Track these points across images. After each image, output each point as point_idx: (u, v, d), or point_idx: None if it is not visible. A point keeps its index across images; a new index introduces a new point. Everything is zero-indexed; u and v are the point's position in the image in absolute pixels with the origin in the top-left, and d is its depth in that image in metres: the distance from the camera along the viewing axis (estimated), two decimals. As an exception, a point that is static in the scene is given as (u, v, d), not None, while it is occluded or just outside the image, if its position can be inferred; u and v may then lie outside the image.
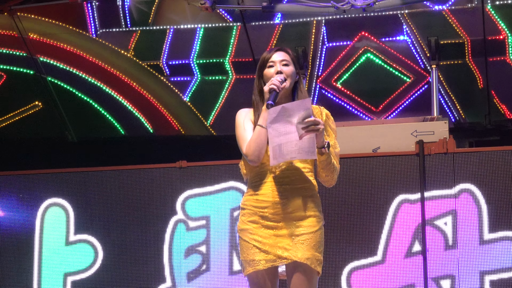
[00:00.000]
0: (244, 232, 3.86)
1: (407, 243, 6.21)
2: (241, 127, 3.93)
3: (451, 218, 6.16)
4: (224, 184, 6.65)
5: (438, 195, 6.22)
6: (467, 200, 6.17)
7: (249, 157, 3.81)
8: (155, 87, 8.38)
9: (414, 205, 6.24)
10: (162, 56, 8.13)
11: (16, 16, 8.05)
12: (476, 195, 6.14)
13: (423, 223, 6.16)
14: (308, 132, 3.66)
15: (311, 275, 3.78)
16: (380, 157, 6.39)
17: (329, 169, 3.85)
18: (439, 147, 6.28)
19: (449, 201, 6.19)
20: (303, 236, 3.77)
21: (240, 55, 8.00)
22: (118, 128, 8.63)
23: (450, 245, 6.13)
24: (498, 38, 7.48)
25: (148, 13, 8.00)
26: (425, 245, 6.12)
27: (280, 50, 3.94)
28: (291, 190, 3.81)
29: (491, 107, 7.79)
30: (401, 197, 6.28)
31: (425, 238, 6.14)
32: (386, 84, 7.88)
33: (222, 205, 6.63)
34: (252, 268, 3.81)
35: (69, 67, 8.39)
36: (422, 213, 6.18)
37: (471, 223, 6.13)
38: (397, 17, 7.55)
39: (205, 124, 8.39)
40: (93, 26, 8.11)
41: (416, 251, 6.18)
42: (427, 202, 6.20)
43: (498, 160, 6.17)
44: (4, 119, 8.72)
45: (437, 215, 6.19)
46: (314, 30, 7.81)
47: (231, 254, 6.54)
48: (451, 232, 6.14)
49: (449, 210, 6.18)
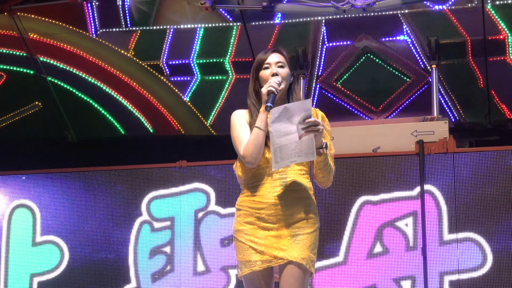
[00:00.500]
0: (239, 233, 3.88)
1: (368, 244, 6.28)
2: (237, 129, 3.93)
3: (412, 220, 6.23)
4: (189, 186, 6.72)
5: (400, 197, 6.30)
6: (428, 201, 6.24)
7: (246, 159, 3.82)
8: (155, 87, 8.38)
9: (376, 206, 6.32)
10: (162, 56, 8.13)
11: (16, 16, 8.05)
12: (437, 196, 6.23)
13: (423, 223, 6.16)
14: (308, 133, 3.68)
15: (304, 275, 3.82)
16: (380, 157, 6.39)
17: (325, 170, 3.88)
18: (439, 147, 6.28)
19: (411, 203, 6.27)
20: (299, 236, 3.80)
21: (240, 55, 8.00)
22: (118, 128, 8.63)
23: (411, 246, 6.20)
24: (498, 38, 7.48)
25: (148, 13, 8.00)
26: (425, 243, 6.12)
27: (275, 52, 3.96)
28: (288, 191, 3.83)
29: (491, 107, 7.79)
30: (363, 199, 6.35)
31: (425, 237, 6.14)
32: (386, 84, 7.87)
33: (186, 207, 6.71)
34: (248, 269, 3.82)
35: (69, 67, 8.39)
36: (422, 213, 6.18)
37: (432, 224, 6.20)
38: (397, 17, 7.55)
39: (205, 124, 8.39)
40: (93, 26, 8.11)
41: (377, 252, 6.25)
42: (388, 203, 6.30)
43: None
44: (4, 119, 8.72)
45: (399, 216, 6.27)
46: (314, 30, 7.80)
47: (196, 255, 6.61)
48: (412, 233, 6.21)
49: (410, 211, 6.26)
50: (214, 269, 6.56)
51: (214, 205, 6.65)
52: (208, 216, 6.65)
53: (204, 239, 6.62)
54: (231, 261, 6.46)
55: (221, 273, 6.54)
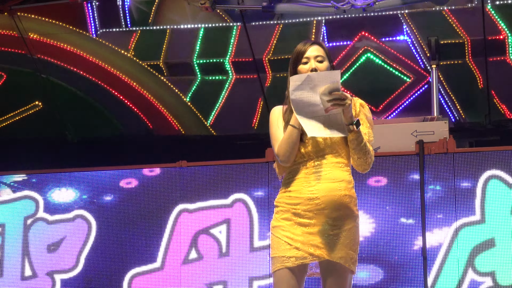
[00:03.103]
0: (276, 229, 3.75)
1: (184, 251, 6.53)
2: (274, 126, 3.80)
3: (225, 227, 6.50)
4: (19, 194, 6.92)
5: (215, 205, 6.57)
6: (241, 209, 6.47)
7: (280, 158, 3.71)
8: (155, 87, 8.38)
9: (192, 214, 6.59)
10: (162, 56, 8.13)
11: (16, 16, 8.04)
12: (249, 204, 6.45)
13: (423, 226, 6.15)
14: (333, 106, 3.53)
15: (345, 274, 3.69)
16: (380, 157, 6.39)
17: (360, 151, 3.69)
18: (439, 147, 6.28)
19: (224, 211, 6.54)
20: (337, 233, 3.67)
21: (240, 55, 8.00)
22: (118, 128, 8.63)
23: (223, 252, 6.45)
24: (498, 38, 7.49)
25: (148, 13, 8.00)
26: (425, 246, 6.13)
27: (314, 44, 3.78)
28: (324, 185, 3.68)
29: (491, 107, 7.79)
30: (180, 207, 6.61)
31: (425, 240, 6.13)
32: (386, 84, 7.88)
33: (16, 214, 6.91)
34: (281, 264, 3.68)
35: (69, 67, 8.39)
36: (422, 216, 6.17)
37: (243, 231, 6.46)
38: (397, 17, 7.55)
39: (205, 124, 8.39)
40: (93, 26, 8.11)
41: (192, 258, 6.51)
42: (203, 211, 6.58)
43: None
44: (4, 119, 8.72)
45: (213, 224, 6.54)
46: (314, 30, 7.80)
47: (24, 260, 6.82)
48: (225, 240, 6.46)
49: (224, 219, 6.52)
50: (40, 274, 6.81)
51: (43, 212, 6.87)
52: (37, 222, 6.87)
53: (32, 245, 6.84)
54: (57, 265, 6.76)
55: (47, 278, 6.80)
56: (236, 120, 8.11)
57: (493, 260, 6.12)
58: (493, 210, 6.18)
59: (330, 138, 3.71)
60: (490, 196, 6.18)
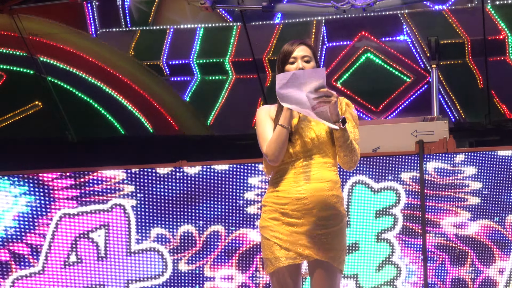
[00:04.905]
0: (265, 229, 3.77)
1: (65, 254, 6.72)
2: (261, 125, 3.83)
3: (104, 231, 6.67)
4: None
5: (94, 210, 6.72)
6: (119, 214, 6.65)
7: (268, 157, 3.73)
8: (155, 87, 8.38)
9: (72, 219, 6.74)
10: (162, 56, 8.13)
11: (16, 16, 8.05)
12: (127, 209, 6.62)
13: (423, 226, 6.16)
14: (320, 104, 3.55)
15: (333, 273, 3.71)
16: (380, 157, 6.39)
17: (347, 148, 3.71)
18: (439, 147, 6.28)
19: (103, 215, 6.70)
20: (325, 233, 3.70)
21: (240, 55, 8.00)
22: (118, 128, 8.63)
23: (102, 256, 6.64)
24: (498, 38, 7.49)
25: (148, 13, 8.00)
26: (425, 246, 6.13)
27: (302, 44, 3.80)
28: (312, 185, 3.71)
29: (491, 107, 7.79)
30: (62, 212, 6.76)
31: (425, 243, 6.14)
32: (386, 84, 7.88)
33: None
34: (273, 266, 3.72)
35: (69, 67, 8.39)
36: (422, 217, 6.17)
37: (121, 235, 6.64)
38: (397, 17, 7.55)
39: (205, 124, 8.39)
40: (93, 26, 8.11)
41: (72, 261, 6.68)
42: (82, 216, 6.74)
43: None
44: (4, 119, 8.73)
45: (92, 228, 6.70)
46: (314, 30, 7.81)
47: None
48: (103, 244, 6.63)
49: (103, 223, 6.69)
50: None
51: None
52: None
53: None
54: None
55: None
56: (236, 120, 8.11)
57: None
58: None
59: (318, 138, 3.75)
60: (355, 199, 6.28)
